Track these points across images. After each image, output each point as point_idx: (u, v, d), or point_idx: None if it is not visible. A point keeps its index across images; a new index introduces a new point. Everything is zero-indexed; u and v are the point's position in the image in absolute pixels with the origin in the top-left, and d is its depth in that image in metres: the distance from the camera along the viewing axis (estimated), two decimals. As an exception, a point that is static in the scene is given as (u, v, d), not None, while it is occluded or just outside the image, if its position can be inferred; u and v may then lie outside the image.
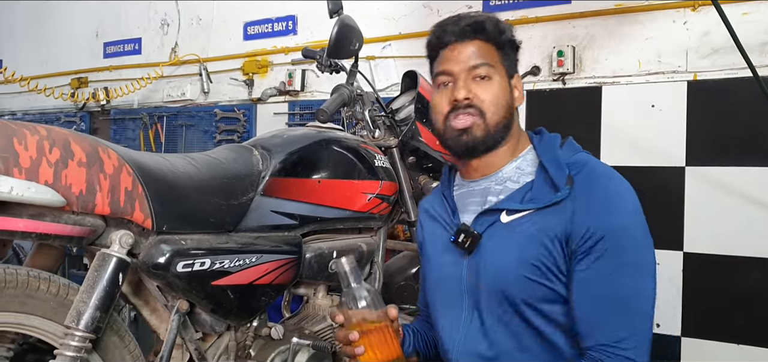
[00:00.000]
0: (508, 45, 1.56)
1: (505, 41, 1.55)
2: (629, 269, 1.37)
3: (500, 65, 1.54)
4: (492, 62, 1.52)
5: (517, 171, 1.55)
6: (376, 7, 4.07)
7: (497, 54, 1.54)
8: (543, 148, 1.54)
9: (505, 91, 1.53)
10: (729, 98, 3.00)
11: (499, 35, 1.54)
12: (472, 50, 1.52)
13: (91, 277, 1.49)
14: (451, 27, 1.55)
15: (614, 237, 1.36)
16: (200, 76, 4.77)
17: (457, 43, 1.54)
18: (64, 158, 1.42)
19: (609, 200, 1.40)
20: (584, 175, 1.43)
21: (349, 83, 2.31)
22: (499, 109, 1.51)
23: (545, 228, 1.42)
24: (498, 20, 1.56)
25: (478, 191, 1.59)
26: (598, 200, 1.40)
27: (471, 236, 1.51)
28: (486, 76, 1.52)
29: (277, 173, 1.89)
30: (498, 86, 1.52)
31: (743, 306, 2.97)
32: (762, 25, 2.94)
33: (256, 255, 1.77)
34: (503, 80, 1.54)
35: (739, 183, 2.98)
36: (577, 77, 3.39)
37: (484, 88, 1.51)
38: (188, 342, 1.77)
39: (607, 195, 1.41)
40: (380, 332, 1.41)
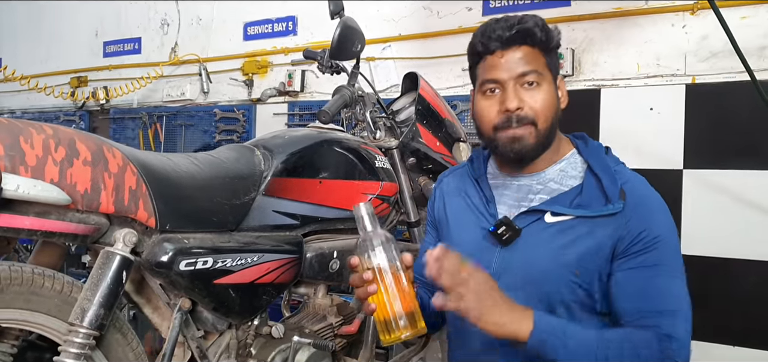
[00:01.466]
0: (556, 48, 1.57)
1: (553, 45, 1.55)
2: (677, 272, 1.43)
3: (547, 70, 1.53)
4: (540, 68, 1.51)
5: (561, 173, 1.57)
6: (376, 8, 4.08)
7: (544, 58, 1.52)
8: (591, 155, 1.56)
9: (552, 96, 1.53)
10: (727, 102, 3.01)
11: (547, 40, 1.53)
12: (520, 56, 1.50)
13: (95, 275, 1.50)
14: (499, 31, 1.51)
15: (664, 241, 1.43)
16: (200, 76, 4.78)
17: (505, 49, 1.51)
18: (70, 157, 1.43)
19: (659, 210, 1.47)
20: (635, 188, 1.48)
21: (350, 84, 2.33)
22: (548, 116, 1.52)
23: (595, 235, 1.45)
24: (544, 23, 1.54)
25: (517, 187, 1.61)
26: (650, 209, 1.46)
27: (511, 230, 1.53)
28: (535, 82, 1.50)
29: (278, 173, 1.90)
30: (546, 92, 1.51)
31: (741, 308, 2.98)
32: (760, 29, 2.95)
33: (258, 255, 1.79)
34: (550, 85, 1.53)
35: (736, 186, 3.00)
36: (576, 80, 3.40)
37: (534, 96, 1.50)
38: (190, 340, 1.78)
39: (657, 206, 1.48)
40: (393, 276, 1.39)
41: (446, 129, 2.47)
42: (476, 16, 3.71)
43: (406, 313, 1.36)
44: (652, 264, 1.42)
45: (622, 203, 1.45)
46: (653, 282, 1.41)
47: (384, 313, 1.37)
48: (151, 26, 5.19)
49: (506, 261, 1.54)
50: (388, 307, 1.37)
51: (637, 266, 1.42)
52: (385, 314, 1.37)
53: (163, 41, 5.11)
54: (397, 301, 1.37)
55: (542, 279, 1.49)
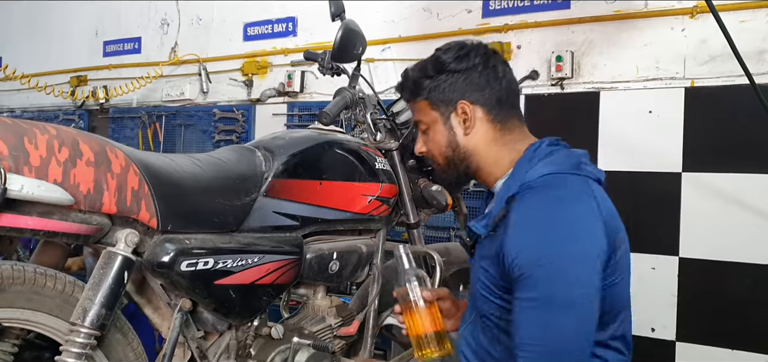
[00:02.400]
0: (434, 88, 1.62)
1: (426, 91, 1.64)
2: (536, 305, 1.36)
3: (431, 113, 1.65)
4: (423, 116, 1.67)
5: (504, 186, 1.57)
6: (376, 9, 4.09)
7: (427, 104, 1.65)
8: (517, 167, 1.55)
9: (441, 135, 1.65)
10: (726, 105, 3.02)
11: (419, 89, 1.65)
12: (414, 109, 1.72)
13: (97, 275, 1.51)
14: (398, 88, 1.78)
15: (530, 272, 1.37)
16: (199, 76, 4.79)
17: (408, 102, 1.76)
18: (73, 157, 1.44)
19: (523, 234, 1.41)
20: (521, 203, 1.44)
21: (351, 86, 2.33)
22: (443, 152, 1.66)
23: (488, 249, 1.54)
24: (413, 74, 1.68)
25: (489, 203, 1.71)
26: (516, 233, 1.41)
27: (471, 237, 1.63)
28: (425, 129, 1.69)
29: (279, 174, 1.91)
30: (436, 133, 1.66)
31: (738, 311, 2.99)
32: (759, 33, 2.96)
33: (258, 256, 1.79)
34: (438, 125, 1.65)
35: (735, 189, 3.01)
36: (576, 82, 3.41)
37: (426, 141, 1.70)
38: (190, 341, 1.79)
39: (522, 229, 1.41)
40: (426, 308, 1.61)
41: (446, 131, 2.47)
42: (476, 17, 3.72)
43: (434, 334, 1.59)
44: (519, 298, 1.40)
45: (488, 229, 1.53)
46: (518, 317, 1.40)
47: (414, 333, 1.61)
48: (151, 26, 5.19)
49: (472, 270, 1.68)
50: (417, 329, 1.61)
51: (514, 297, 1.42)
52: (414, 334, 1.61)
53: (163, 41, 5.12)
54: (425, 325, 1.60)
55: (473, 289, 1.64)
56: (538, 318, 1.36)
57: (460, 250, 2.63)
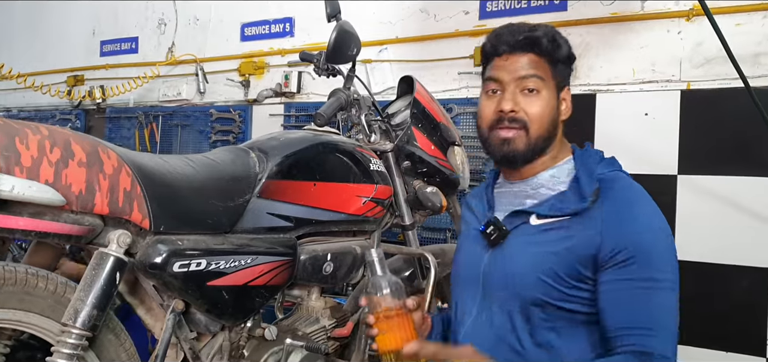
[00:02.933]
0: (563, 60, 1.60)
1: (560, 57, 1.58)
2: (654, 284, 1.40)
3: (551, 79, 1.57)
4: (542, 75, 1.55)
5: (553, 179, 1.60)
6: (373, 10, 4.09)
7: (549, 68, 1.57)
8: (581, 160, 1.58)
9: (551, 105, 1.57)
10: (722, 108, 3.02)
11: (554, 51, 1.57)
12: (524, 62, 1.55)
13: (89, 276, 1.50)
14: (507, 36, 1.58)
15: (641, 253, 1.40)
16: (196, 76, 4.78)
17: (511, 53, 1.57)
18: (65, 158, 1.43)
19: (636, 218, 1.44)
20: (615, 190, 1.48)
21: (346, 87, 2.33)
22: (543, 123, 1.55)
23: (572, 237, 1.47)
24: (555, 34, 1.58)
25: (514, 193, 1.65)
26: (625, 217, 1.44)
27: (499, 230, 1.57)
28: (534, 89, 1.55)
29: (273, 175, 1.90)
30: (545, 100, 1.55)
31: (733, 314, 2.99)
32: (754, 36, 2.97)
33: (252, 257, 1.79)
34: (551, 94, 1.57)
35: (730, 192, 3.01)
36: (572, 84, 3.38)
37: (531, 102, 1.55)
38: (183, 342, 1.78)
39: (634, 212, 1.45)
40: (398, 318, 1.48)
41: (441, 133, 2.48)
42: (473, 19, 3.72)
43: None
44: (636, 278, 1.40)
45: (591, 199, 1.47)
46: (636, 297, 1.40)
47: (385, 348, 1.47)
48: (148, 26, 5.19)
49: (493, 261, 1.59)
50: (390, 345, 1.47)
51: (621, 278, 1.41)
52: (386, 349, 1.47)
53: (160, 41, 5.12)
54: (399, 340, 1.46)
55: (518, 278, 1.52)
56: (668, 300, 1.41)
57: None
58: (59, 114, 5.51)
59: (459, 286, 1.70)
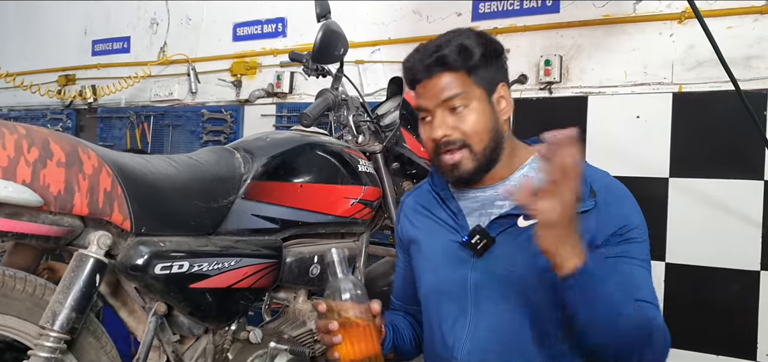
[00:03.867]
0: (482, 63, 1.53)
1: (476, 63, 1.52)
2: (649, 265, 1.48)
3: (474, 88, 1.52)
4: (463, 90, 1.51)
5: (525, 179, 1.56)
6: (366, 11, 4.07)
7: (469, 79, 1.52)
8: None
9: (485, 114, 1.53)
10: (714, 111, 3.01)
11: (466, 60, 1.51)
12: (443, 83, 1.51)
13: (68, 278, 1.49)
14: (418, 63, 1.55)
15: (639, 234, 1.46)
16: (188, 76, 4.76)
17: (428, 79, 1.54)
18: (43, 158, 1.41)
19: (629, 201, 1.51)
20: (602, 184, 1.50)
21: (333, 88, 2.32)
22: (483, 135, 1.52)
23: None
24: (463, 43, 1.52)
25: (482, 198, 1.60)
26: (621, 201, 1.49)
27: (486, 238, 1.52)
28: (460, 105, 1.51)
29: (259, 176, 1.89)
30: (476, 112, 1.52)
31: (724, 317, 2.98)
32: (746, 39, 2.95)
33: (236, 259, 1.77)
34: (481, 103, 1.53)
35: (722, 195, 2.99)
36: (564, 86, 3.40)
37: (462, 119, 1.51)
38: (165, 345, 1.76)
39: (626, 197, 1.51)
40: (361, 326, 1.42)
41: (430, 134, 2.46)
42: (466, 20, 3.70)
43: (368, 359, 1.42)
44: (630, 256, 1.44)
45: (592, 202, 1.46)
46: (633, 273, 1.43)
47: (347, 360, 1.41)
48: (140, 25, 5.16)
49: (483, 271, 1.54)
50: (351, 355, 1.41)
51: (616, 255, 1.44)
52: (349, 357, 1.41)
53: (152, 40, 5.08)
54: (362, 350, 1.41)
55: (523, 283, 1.49)
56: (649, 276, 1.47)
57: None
58: (50, 113, 5.47)
59: (435, 300, 1.63)
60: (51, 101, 5.37)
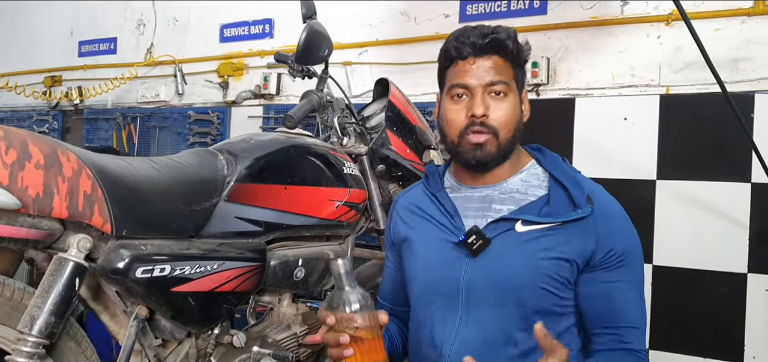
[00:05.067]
0: (523, 63, 1.61)
1: (523, 59, 1.60)
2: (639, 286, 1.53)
3: (514, 82, 1.57)
4: (508, 80, 1.55)
5: (524, 183, 1.59)
6: (353, 12, 4.06)
7: (513, 71, 1.57)
8: (551, 165, 1.59)
9: (517, 108, 1.57)
10: (701, 113, 3.02)
11: (518, 53, 1.57)
12: (491, 65, 1.54)
13: (47, 282, 1.46)
14: (473, 38, 1.55)
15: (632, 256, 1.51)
16: (175, 78, 4.73)
17: (477, 56, 1.55)
18: (21, 160, 1.39)
19: (625, 224, 1.55)
20: (600, 198, 1.54)
21: (318, 89, 2.30)
22: (511, 128, 1.55)
23: (567, 243, 1.48)
24: (516, 36, 1.58)
25: (479, 198, 1.61)
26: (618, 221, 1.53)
27: (482, 239, 1.53)
28: (502, 93, 1.54)
29: (242, 179, 1.86)
30: (512, 104, 1.55)
31: (711, 319, 2.99)
32: (733, 41, 2.96)
33: (218, 262, 1.74)
34: (516, 98, 1.57)
35: (709, 197, 3.00)
36: (551, 88, 3.40)
37: (500, 106, 1.54)
38: (147, 349, 1.74)
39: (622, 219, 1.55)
40: (370, 339, 1.39)
41: (416, 136, 2.45)
42: (453, 22, 3.70)
43: None
44: (622, 280, 1.50)
45: (589, 208, 1.49)
46: (623, 297, 1.49)
47: None
48: (127, 26, 5.13)
49: (477, 271, 1.54)
50: None
51: (609, 280, 1.49)
52: None
53: (138, 42, 5.06)
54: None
55: (517, 287, 1.50)
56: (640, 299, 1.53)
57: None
58: (36, 115, 5.44)
59: (427, 299, 1.63)
60: (37, 102, 5.33)
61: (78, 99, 5.10)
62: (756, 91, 2.90)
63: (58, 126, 5.33)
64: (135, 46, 5.07)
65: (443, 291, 1.58)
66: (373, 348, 1.39)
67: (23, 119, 5.49)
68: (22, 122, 5.47)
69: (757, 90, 2.90)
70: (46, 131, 5.29)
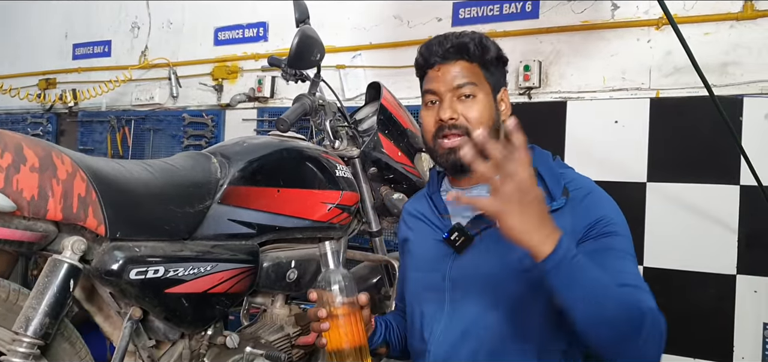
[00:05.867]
0: (494, 62, 1.64)
1: (490, 59, 1.63)
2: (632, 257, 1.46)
3: (485, 83, 1.62)
4: (476, 81, 1.60)
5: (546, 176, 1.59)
6: (347, 16, 4.08)
7: (481, 72, 1.62)
8: (538, 160, 1.58)
9: (489, 107, 1.61)
10: (691, 116, 3.04)
11: (483, 54, 1.62)
12: (457, 70, 1.61)
13: (41, 283, 1.48)
14: (436, 48, 1.63)
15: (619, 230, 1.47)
16: (169, 81, 4.75)
17: (442, 63, 1.62)
18: (16, 163, 1.41)
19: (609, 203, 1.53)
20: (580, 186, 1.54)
21: (311, 93, 2.32)
22: (482, 122, 1.58)
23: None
24: (482, 39, 1.63)
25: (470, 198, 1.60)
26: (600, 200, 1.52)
27: (464, 236, 1.57)
28: (470, 94, 1.59)
29: (235, 181, 1.88)
30: (482, 104, 1.59)
31: (701, 320, 3.01)
32: (722, 45, 2.99)
33: (211, 264, 1.76)
34: (487, 97, 1.61)
35: (699, 200, 3.03)
36: (543, 92, 3.42)
37: (469, 107, 1.59)
38: (141, 350, 1.76)
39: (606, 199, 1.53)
40: (348, 315, 1.49)
41: (408, 139, 2.47)
42: (446, 26, 3.73)
43: (353, 349, 1.48)
44: (611, 248, 1.44)
45: (564, 199, 1.50)
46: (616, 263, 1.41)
47: (334, 346, 1.49)
48: (121, 29, 5.14)
49: (461, 268, 1.58)
50: (338, 342, 1.48)
51: (596, 249, 1.43)
52: (334, 347, 1.49)
53: (133, 44, 5.07)
54: (347, 338, 1.48)
55: (500, 283, 1.52)
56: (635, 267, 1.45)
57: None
58: (31, 117, 5.44)
59: (417, 295, 1.68)
60: (31, 105, 5.34)
61: (72, 101, 5.11)
62: (745, 95, 2.93)
63: (53, 129, 5.34)
64: (129, 48, 5.08)
65: (431, 287, 1.63)
66: (350, 324, 1.49)
67: (17, 122, 5.50)
68: (16, 125, 5.48)
69: (746, 93, 2.93)
70: (41, 134, 5.29)
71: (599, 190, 1.56)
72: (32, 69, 5.52)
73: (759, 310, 2.92)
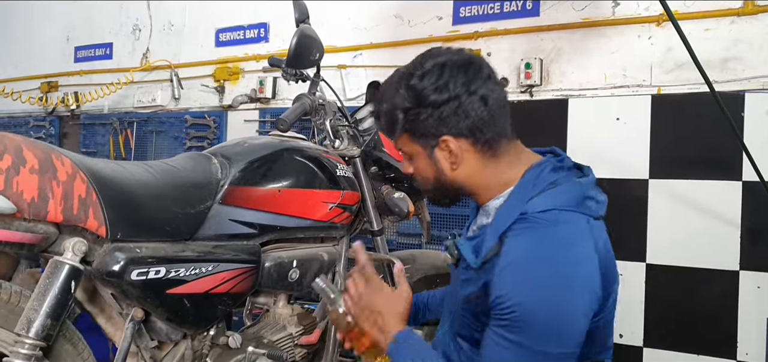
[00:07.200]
0: (414, 122, 1.46)
1: (407, 126, 1.47)
2: (525, 355, 1.30)
3: (413, 145, 1.51)
4: (406, 148, 1.55)
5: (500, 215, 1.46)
6: (348, 16, 4.07)
7: (407, 136, 1.50)
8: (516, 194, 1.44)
9: (427, 167, 1.52)
10: (692, 112, 3.04)
11: (394, 125, 1.49)
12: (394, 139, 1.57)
13: (43, 285, 1.49)
14: None
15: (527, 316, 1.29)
16: (171, 82, 4.75)
17: None
18: (16, 165, 1.41)
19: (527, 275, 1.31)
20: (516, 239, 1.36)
21: (310, 93, 2.32)
22: (427, 184, 1.58)
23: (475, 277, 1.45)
24: (388, 113, 1.50)
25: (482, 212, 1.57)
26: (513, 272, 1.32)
27: (451, 253, 1.58)
28: (408, 158, 1.58)
29: (236, 181, 1.89)
30: (420, 167, 1.55)
31: (704, 317, 3.01)
32: (723, 41, 2.98)
33: (213, 264, 1.77)
34: (422, 159, 1.51)
35: (701, 196, 3.02)
36: (544, 89, 3.42)
37: (413, 167, 1.58)
38: (143, 351, 1.76)
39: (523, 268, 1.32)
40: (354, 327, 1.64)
41: (409, 138, 2.47)
42: (446, 24, 3.72)
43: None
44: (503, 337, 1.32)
45: (478, 262, 1.41)
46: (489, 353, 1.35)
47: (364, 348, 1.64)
48: (122, 31, 5.15)
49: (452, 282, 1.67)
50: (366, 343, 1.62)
51: (491, 329, 1.36)
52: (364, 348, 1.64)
53: (134, 47, 5.07)
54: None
55: (454, 307, 1.59)
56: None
57: (427, 257, 2.63)
58: (33, 120, 5.45)
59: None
60: (34, 108, 5.35)
61: (74, 104, 5.11)
62: (746, 90, 2.92)
63: (55, 131, 5.35)
64: (131, 51, 5.09)
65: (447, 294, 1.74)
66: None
67: (20, 125, 5.51)
68: (18, 128, 5.48)
69: (747, 89, 2.92)
70: (43, 137, 5.30)
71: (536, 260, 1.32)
72: (34, 72, 5.52)
73: (762, 306, 2.91)
